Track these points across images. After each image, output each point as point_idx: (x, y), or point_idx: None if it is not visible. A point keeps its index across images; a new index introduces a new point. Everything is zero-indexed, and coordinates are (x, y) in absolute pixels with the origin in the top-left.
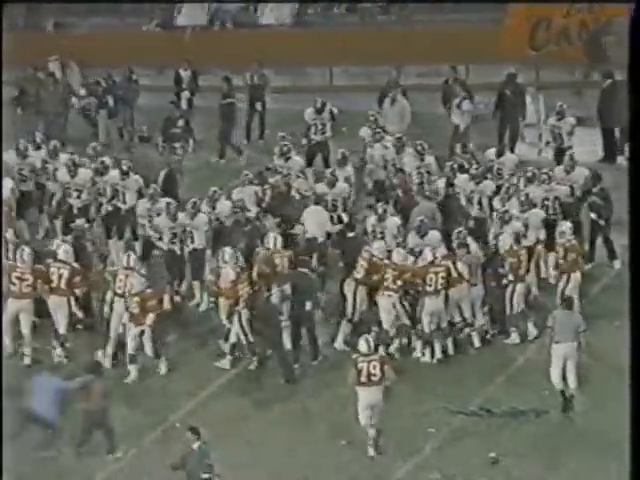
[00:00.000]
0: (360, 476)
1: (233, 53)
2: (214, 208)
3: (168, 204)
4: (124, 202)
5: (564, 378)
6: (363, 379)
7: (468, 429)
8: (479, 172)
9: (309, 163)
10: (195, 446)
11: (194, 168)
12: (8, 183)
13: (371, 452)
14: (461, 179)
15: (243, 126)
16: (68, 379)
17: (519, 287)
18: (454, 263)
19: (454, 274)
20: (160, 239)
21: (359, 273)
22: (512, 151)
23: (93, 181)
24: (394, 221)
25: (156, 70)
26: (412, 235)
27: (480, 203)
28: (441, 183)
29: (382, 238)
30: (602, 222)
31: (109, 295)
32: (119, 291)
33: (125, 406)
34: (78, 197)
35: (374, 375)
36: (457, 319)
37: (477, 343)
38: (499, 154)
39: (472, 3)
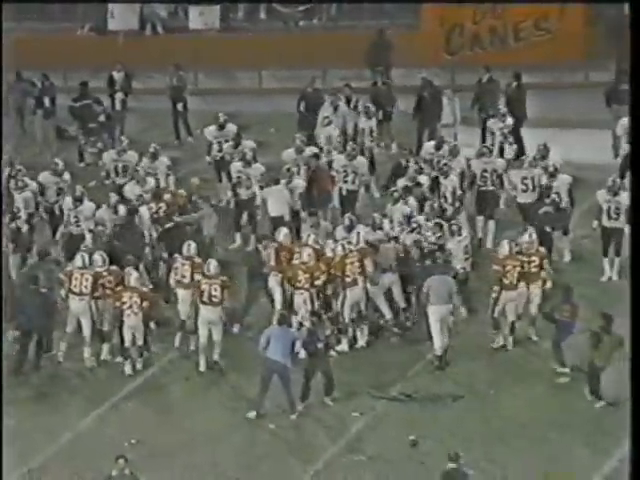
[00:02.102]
0: (288, 459)
1: (164, 56)
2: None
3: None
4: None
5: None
6: (205, 299)
7: (390, 413)
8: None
9: (219, 179)
10: (127, 472)
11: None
12: None
13: (202, 367)
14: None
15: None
16: None
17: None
18: (363, 256)
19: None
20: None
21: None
22: None
23: None
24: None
25: (90, 73)
26: (339, 229)
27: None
28: (425, 181)
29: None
30: (559, 232)
31: (63, 292)
32: (75, 290)
33: None
34: None
35: (214, 296)
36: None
37: (362, 341)
38: (438, 147)
39: (388, 9)
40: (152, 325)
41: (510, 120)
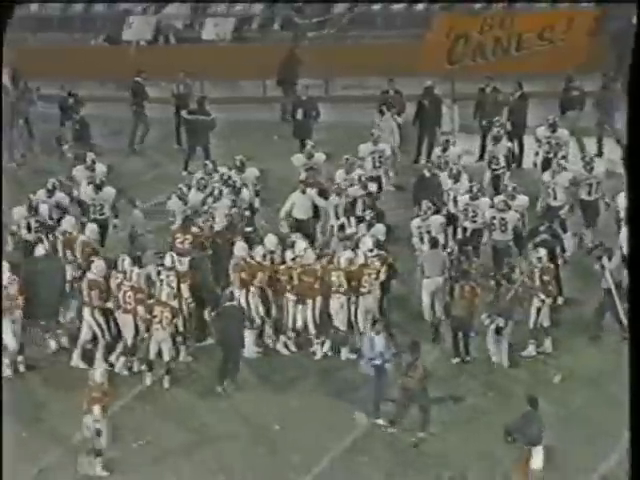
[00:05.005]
0: (292, 459)
1: (175, 66)
2: None
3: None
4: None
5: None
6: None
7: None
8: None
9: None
10: None
11: None
12: None
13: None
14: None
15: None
16: None
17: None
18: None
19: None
20: None
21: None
22: (429, 156)
23: None
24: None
25: (100, 82)
26: (361, 226)
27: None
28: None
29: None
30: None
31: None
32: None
33: None
34: None
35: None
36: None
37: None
38: (444, 149)
39: (399, 19)
40: (179, 339)
41: (563, 132)
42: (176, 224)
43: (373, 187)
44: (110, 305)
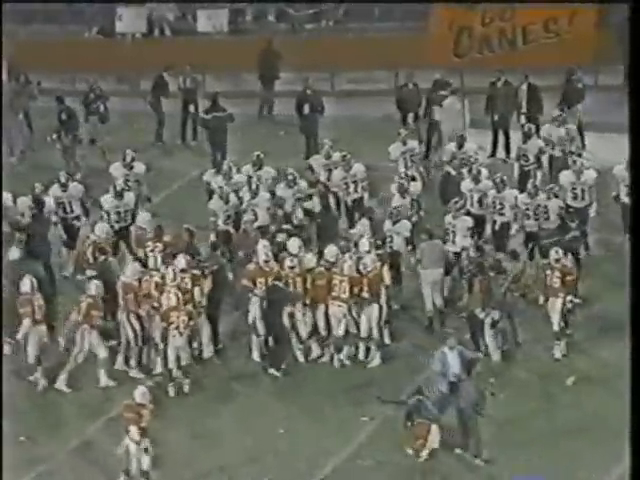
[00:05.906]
0: (297, 465)
1: (173, 60)
2: None
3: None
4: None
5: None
6: None
7: (399, 418)
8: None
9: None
10: None
11: None
12: None
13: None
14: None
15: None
16: None
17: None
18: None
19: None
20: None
21: None
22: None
23: None
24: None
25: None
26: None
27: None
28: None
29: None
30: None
31: None
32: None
33: None
34: None
35: None
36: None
37: (377, 361)
38: (459, 146)
39: (397, 12)
40: (195, 344)
41: (571, 127)
42: (219, 224)
43: (418, 185)
44: (142, 312)
